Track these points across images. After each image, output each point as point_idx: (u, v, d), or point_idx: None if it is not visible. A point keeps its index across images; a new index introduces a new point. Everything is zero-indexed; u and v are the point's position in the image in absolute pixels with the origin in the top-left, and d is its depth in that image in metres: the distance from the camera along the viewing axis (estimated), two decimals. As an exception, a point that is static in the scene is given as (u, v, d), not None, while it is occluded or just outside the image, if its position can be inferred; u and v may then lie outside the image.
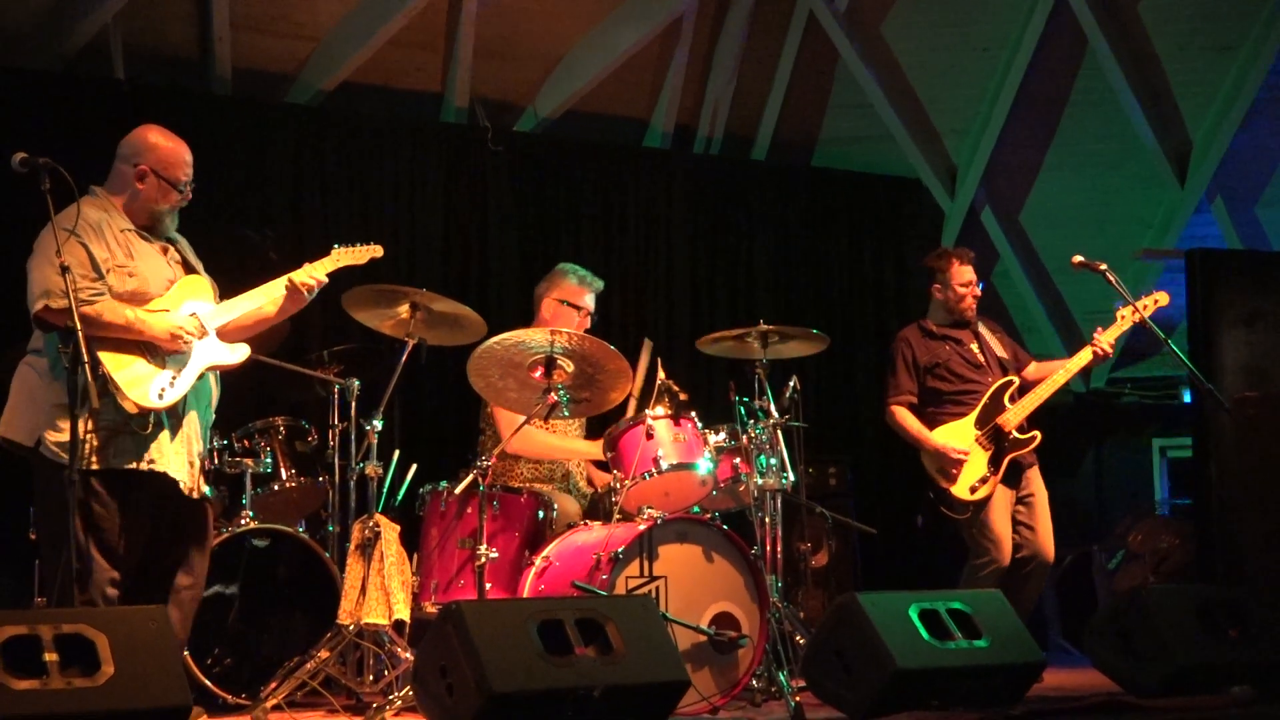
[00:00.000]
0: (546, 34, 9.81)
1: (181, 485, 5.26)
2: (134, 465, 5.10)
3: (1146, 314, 7.10)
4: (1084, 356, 7.13)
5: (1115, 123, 10.52)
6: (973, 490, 7.02)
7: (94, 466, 5.00)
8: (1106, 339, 7.13)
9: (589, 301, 7.14)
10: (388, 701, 5.77)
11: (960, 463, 7.02)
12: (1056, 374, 7.16)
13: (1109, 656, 5.99)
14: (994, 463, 7.04)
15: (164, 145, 5.32)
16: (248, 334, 5.52)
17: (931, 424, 7.18)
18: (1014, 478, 7.12)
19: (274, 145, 8.93)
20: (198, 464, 5.36)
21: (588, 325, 7.09)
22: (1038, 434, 7.12)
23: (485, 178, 9.56)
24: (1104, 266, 6.85)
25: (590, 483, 7.11)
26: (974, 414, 7.12)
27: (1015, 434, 7.06)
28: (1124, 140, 10.60)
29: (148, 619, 4.33)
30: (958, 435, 7.09)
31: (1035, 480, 7.21)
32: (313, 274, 5.57)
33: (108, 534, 5.05)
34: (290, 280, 5.50)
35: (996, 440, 7.06)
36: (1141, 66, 10.26)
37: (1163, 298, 7.12)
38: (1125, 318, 7.14)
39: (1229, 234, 10.76)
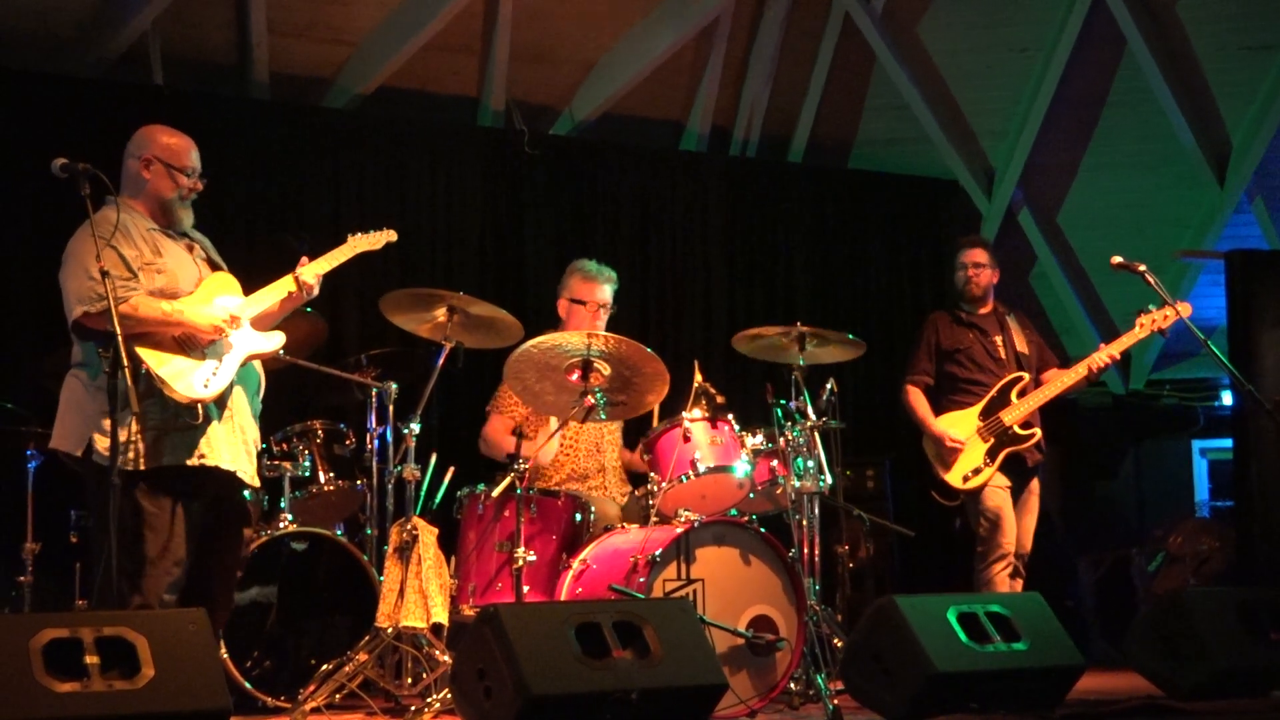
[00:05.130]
0: (582, 37, 9.83)
1: (240, 474, 5.30)
2: (184, 462, 5.12)
3: (1166, 324, 7.19)
4: (1081, 370, 7.29)
5: (1154, 123, 10.46)
6: (965, 479, 7.24)
7: (143, 467, 5.03)
8: (1110, 351, 7.30)
9: (600, 295, 7.05)
10: (426, 704, 5.79)
11: (956, 452, 7.23)
12: (1063, 377, 7.35)
13: (1149, 659, 5.96)
14: (991, 454, 7.25)
15: (166, 137, 5.37)
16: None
17: (942, 408, 7.41)
18: (1014, 471, 7.29)
19: (311, 150, 8.98)
20: (254, 453, 5.40)
21: (602, 319, 7.04)
22: (1038, 431, 7.33)
23: (521, 181, 9.58)
24: (1143, 267, 6.83)
25: (628, 479, 7.08)
26: (980, 405, 7.34)
27: (1016, 429, 7.26)
28: (1163, 141, 10.55)
29: (187, 621, 4.35)
30: (960, 424, 7.32)
31: (1034, 484, 7.42)
32: (315, 270, 5.54)
33: (161, 534, 5.06)
34: (296, 277, 5.49)
35: (997, 433, 7.25)
36: (1180, 67, 10.21)
37: (1183, 308, 7.11)
38: (1143, 326, 7.25)
39: (1269, 235, 10.69)
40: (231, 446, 5.26)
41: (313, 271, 5.51)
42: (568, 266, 7.23)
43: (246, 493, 5.45)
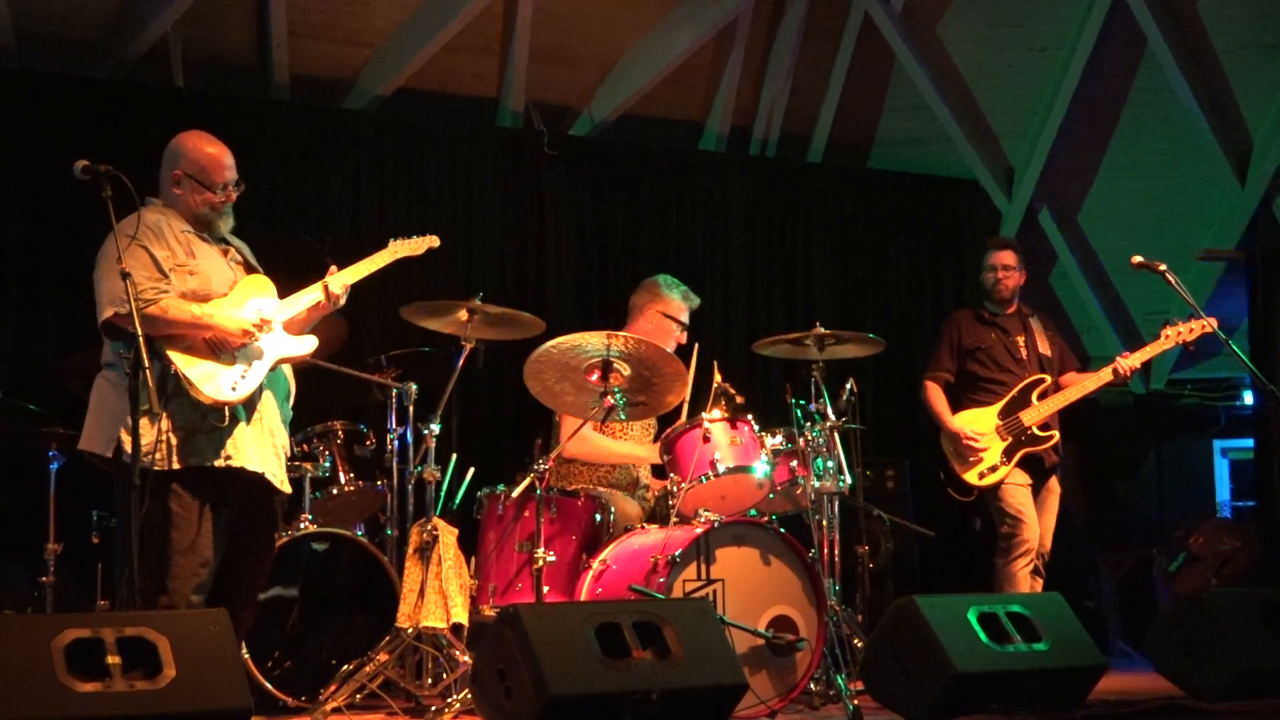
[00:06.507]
0: (602, 38, 9.83)
1: (270, 477, 5.30)
2: (211, 463, 5.13)
3: (1191, 337, 7.17)
4: (1104, 375, 7.27)
5: (1174, 122, 10.44)
6: (981, 476, 7.26)
7: (173, 467, 5.04)
8: (1133, 361, 7.25)
9: (687, 318, 7.16)
10: (446, 704, 5.79)
11: (973, 449, 7.25)
12: (1084, 382, 7.35)
13: (1171, 660, 5.94)
14: (1008, 454, 7.26)
15: (197, 149, 5.35)
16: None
17: (961, 406, 7.42)
18: (1033, 470, 7.31)
19: (331, 151, 9.00)
20: (283, 457, 5.40)
21: (684, 341, 7.10)
22: (1056, 434, 7.32)
23: (541, 182, 9.60)
24: (1163, 267, 6.82)
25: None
26: (1000, 404, 7.34)
27: (1035, 430, 7.27)
28: (1183, 140, 10.52)
29: (209, 621, 4.36)
30: (979, 422, 7.32)
31: (1053, 483, 7.42)
32: (344, 280, 5.54)
33: (188, 536, 5.08)
34: (325, 286, 5.49)
35: (1015, 433, 7.26)
36: (1200, 65, 10.18)
37: (1210, 323, 7.09)
38: (1168, 338, 7.23)
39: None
40: (260, 449, 5.26)
41: (341, 281, 5.49)
42: (660, 279, 7.22)
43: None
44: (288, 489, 5.47)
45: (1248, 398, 10.91)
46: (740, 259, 10.23)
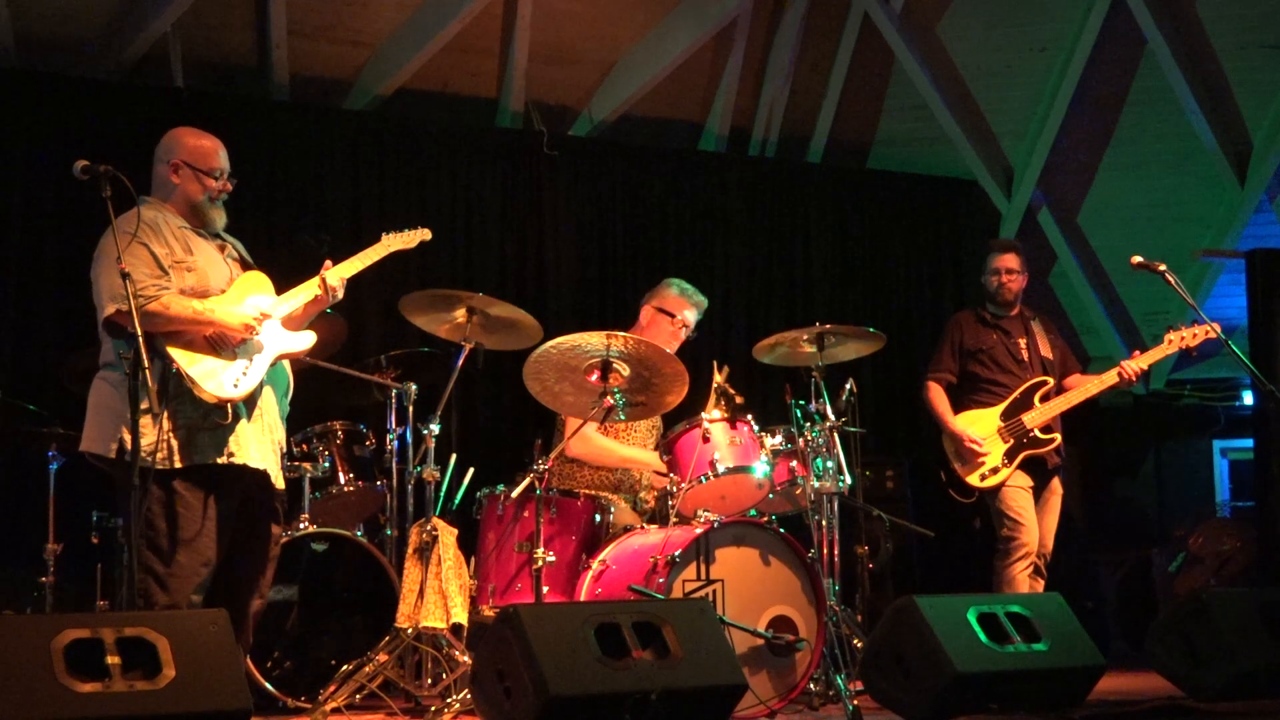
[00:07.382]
0: (601, 39, 9.83)
1: (270, 473, 5.31)
2: (214, 460, 5.13)
3: (1195, 343, 7.19)
4: (1108, 378, 7.29)
5: (1174, 122, 10.45)
6: (983, 478, 7.27)
7: (176, 465, 5.04)
8: (1138, 364, 7.26)
9: (688, 317, 7.12)
10: (446, 705, 5.79)
11: (975, 451, 7.25)
12: (1087, 385, 7.37)
13: (1170, 660, 5.93)
14: (1009, 455, 7.27)
15: (193, 140, 5.39)
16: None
17: (963, 407, 7.44)
18: (1035, 472, 7.33)
19: (331, 151, 9.00)
20: (280, 452, 5.41)
21: (681, 339, 7.09)
22: (1058, 436, 7.34)
23: (541, 182, 9.60)
24: (1163, 267, 6.82)
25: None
26: (1002, 406, 7.36)
27: (1036, 433, 7.29)
28: (1183, 140, 10.52)
29: (208, 622, 4.36)
30: (980, 424, 7.34)
31: (1055, 484, 7.43)
32: (340, 273, 5.55)
33: (190, 534, 5.07)
34: (322, 279, 5.49)
35: (1017, 435, 7.28)
36: (1200, 66, 10.18)
37: (1214, 329, 7.09)
38: (1171, 342, 7.24)
39: (1292, 234, 10.67)
40: (261, 445, 5.27)
41: (338, 274, 5.50)
42: (664, 279, 7.28)
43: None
44: (281, 484, 5.47)
45: (1247, 398, 10.91)
46: (740, 259, 10.23)
